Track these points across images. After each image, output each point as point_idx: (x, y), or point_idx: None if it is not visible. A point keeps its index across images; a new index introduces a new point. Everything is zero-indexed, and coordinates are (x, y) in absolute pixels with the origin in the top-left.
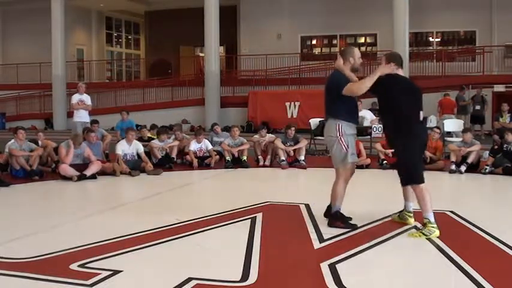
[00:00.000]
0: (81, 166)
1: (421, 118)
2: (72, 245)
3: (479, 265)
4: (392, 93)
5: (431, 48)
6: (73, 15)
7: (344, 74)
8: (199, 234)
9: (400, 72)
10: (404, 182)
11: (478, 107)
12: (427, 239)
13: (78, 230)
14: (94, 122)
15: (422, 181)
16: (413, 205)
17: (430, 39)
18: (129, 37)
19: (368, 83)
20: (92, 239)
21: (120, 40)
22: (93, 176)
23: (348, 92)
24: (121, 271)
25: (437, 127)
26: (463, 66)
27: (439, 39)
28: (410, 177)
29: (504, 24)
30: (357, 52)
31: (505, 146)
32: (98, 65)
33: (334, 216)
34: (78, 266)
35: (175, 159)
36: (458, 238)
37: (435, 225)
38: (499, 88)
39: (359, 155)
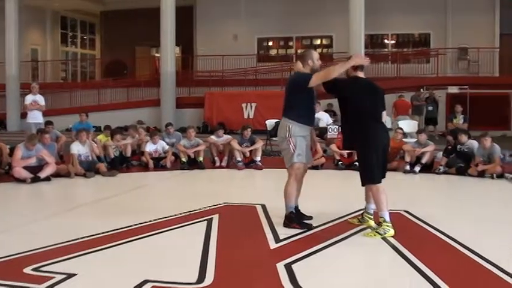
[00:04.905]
0: (35, 168)
1: (384, 119)
2: (26, 248)
3: (432, 262)
4: (349, 93)
5: (386, 50)
6: (27, 15)
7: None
8: (155, 236)
9: (361, 74)
10: (361, 182)
11: (430, 108)
12: (382, 238)
13: (32, 233)
14: (48, 123)
15: (378, 181)
16: (374, 207)
17: (386, 41)
18: (85, 37)
19: (339, 69)
20: (47, 241)
21: (75, 40)
22: (47, 178)
23: (317, 79)
24: (75, 274)
25: (400, 128)
26: (417, 68)
27: (394, 41)
28: (366, 176)
29: (458, 26)
30: (315, 54)
31: (458, 146)
32: (52, 65)
33: (289, 218)
34: (32, 269)
35: (130, 160)
36: (413, 237)
37: (390, 225)
38: (453, 90)
39: (314, 153)
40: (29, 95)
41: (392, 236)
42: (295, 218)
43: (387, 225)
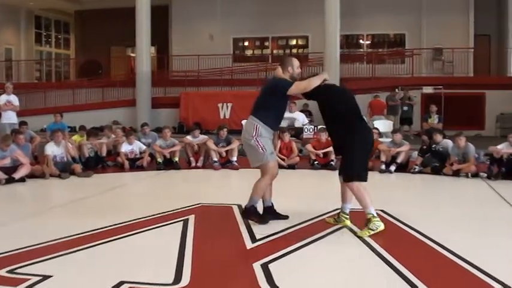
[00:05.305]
0: (9, 169)
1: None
2: (1, 250)
3: (407, 261)
4: (324, 98)
5: (361, 50)
6: (1, 14)
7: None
8: (131, 237)
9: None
10: (347, 178)
11: (405, 108)
12: (358, 237)
13: (7, 235)
14: (22, 123)
15: (364, 179)
16: (351, 206)
17: (361, 41)
18: (59, 36)
19: (317, 81)
20: (22, 243)
21: (49, 40)
22: (21, 179)
23: (297, 89)
24: (51, 276)
25: (376, 128)
26: (392, 68)
27: (369, 42)
28: (354, 174)
29: (433, 27)
30: (295, 62)
31: (433, 146)
32: (26, 65)
33: (249, 211)
34: (7, 271)
35: (106, 161)
36: (388, 236)
37: (379, 219)
38: (428, 90)
39: (289, 153)
40: (3, 95)
41: (369, 236)
42: (254, 212)
43: (377, 220)
